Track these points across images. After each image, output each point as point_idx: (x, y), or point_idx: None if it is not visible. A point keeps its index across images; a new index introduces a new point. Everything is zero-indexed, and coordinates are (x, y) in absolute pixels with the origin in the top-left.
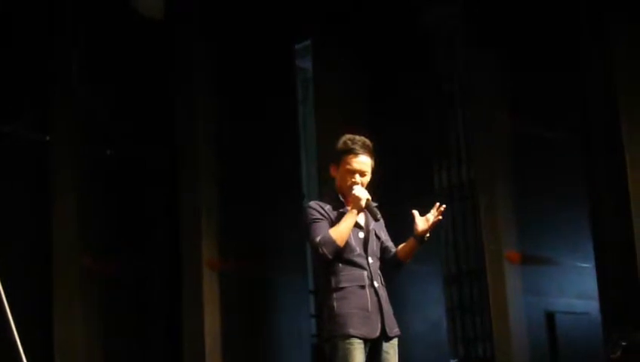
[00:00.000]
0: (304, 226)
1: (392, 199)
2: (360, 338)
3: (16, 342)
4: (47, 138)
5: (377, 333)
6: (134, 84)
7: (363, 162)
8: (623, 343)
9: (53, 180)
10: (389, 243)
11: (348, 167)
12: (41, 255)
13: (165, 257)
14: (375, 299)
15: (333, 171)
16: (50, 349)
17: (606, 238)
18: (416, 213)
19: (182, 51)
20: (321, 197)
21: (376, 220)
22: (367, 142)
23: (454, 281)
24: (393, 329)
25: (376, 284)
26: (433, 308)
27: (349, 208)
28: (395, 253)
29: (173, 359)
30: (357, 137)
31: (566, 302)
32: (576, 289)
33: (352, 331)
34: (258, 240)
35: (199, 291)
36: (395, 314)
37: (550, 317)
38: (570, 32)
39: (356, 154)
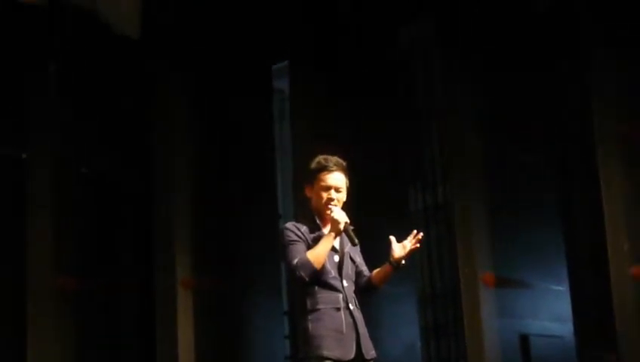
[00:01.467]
0: (281, 247)
1: (368, 221)
2: (334, 360)
3: None
4: (24, 156)
5: (352, 355)
6: (111, 103)
7: (337, 178)
8: None
9: (28, 198)
10: (364, 268)
11: (322, 183)
12: (15, 272)
13: (139, 276)
14: (350, 321)
15: (308, 192)
16: None
17: (580, 261)
18: (393, 239)
19: (159, 71)
20: (297, 219)
21: (354, 245)
22: (341, 160)
23: (429, 302)
24: (369, 351)
25: (351, 307)
26: (407, 329)
27: (325, 231)
28: (370, 278)
29: None
30: (330, 156)
31: (540, 325)
32: (550, 312)
33: (325, 353)
34: (233, 260)
35: (173, 310)
36: (370, 335)
37: (524, 339)
38: (546, 54)
39: (330, 170)
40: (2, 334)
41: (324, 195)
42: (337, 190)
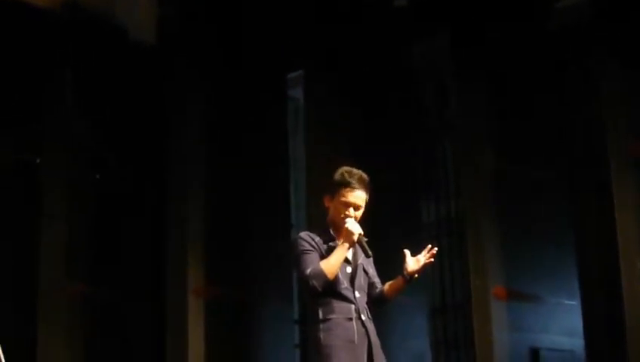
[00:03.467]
0: (294, 256)
1: (379, 232)
2: None
3: None
4: (38, 160)
5: None
6: (126, 111)
7: (358, 196)
8: None
9: (42, 203)
10: (376, 280)
11: (343, 199)
12: (27, 278)
13: (151, 284)
14: (362, 331)
15: (327, 202)
16: None
17: (592, 276)
18: (407, 252)
19: (174, 79)
20: (311, 229)
21: (368, 256)
22: (365, 176)
23: (439, 315)
24: None
25: (363, 317)
26: (418, 341)
27: (339, 242)
28: (382, 290)
29: None
30: (354, 170)
31: (551, 339)
32: (561, 326)
33: None
34: (245, 269)
35: (184, 319)
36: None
37: (535, 353)
38: (557, 71)
39: (353, 188)
40: (14, 340)
41: (343, 211)
42: (357, 208)
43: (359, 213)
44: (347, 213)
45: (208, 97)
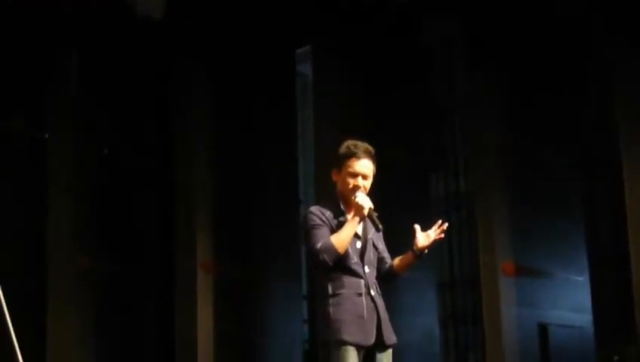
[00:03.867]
0: (304, 231)
1: (389, 208)
2: (354, 345)
3: (12, 340)
4: (46, 136)
5: (372, 341)
6: (133, 84)
7: (365, 166)
8: (615, 357)
9: (50, 178)
10: (386, 254)
11: (350, 170)
12: (36, 252)
13: (159, 259)
14: (372, 306)
15: (334, 176)
16: (43, 347)
17: (601, 252)
18: (417, 227)
19: (181, 54)
20: (321, 203)
21: (378, 230)
22: (370, 147)
23: (448, 290)
24: (391, 337)
25: (372, 292)
26: (426, 316)
27: (349, 216)
28: (392, 265)
29: (166, 359)
30: (359, 142)
31: (559, 315)
32: (570, 302)
33: (346, 337)
34: (253, 243)
35: (193, 293)
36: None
37: (543, 329)
38: (569, 49)
39: (358, 157)
40: (23, 313)
41: (351, 182)
42: (364, 177)
43: (367, 184)
44: (355, 182)
45: (216, 73)
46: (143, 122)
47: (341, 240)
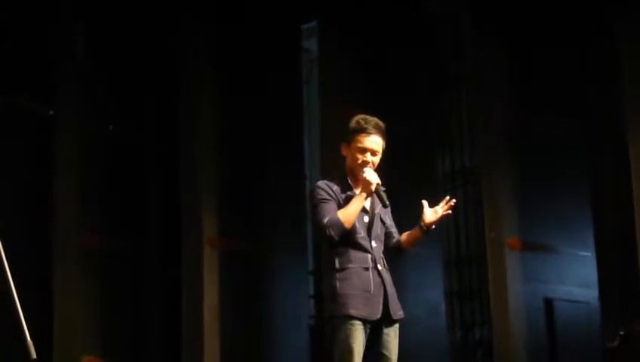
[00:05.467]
0: (311, 205)
1: (394, 182)
2: (361, 320)
3: (20, 317)
4: (52, 112)
5: (379, 315)
6: (138, 62)
7: (374, 141)
8: (621, 332)
9: (56, 155)
10: (393, 229)
11: (359, 145)
12: (41, 229)
13: (165, 234)
14: (378, 280)
15: (343, 150)
16: (50, 325)
17: (607, 227)
18: (425, 203)
19: (186, 30)
20: (328, 178)
21: (385, 206)
22: (380, 123)
23: (454, 266)
24: (397, 311)
25: (379, 267)
26: (432, 291)
27: (357, 191)
28: (399, 240)
29: (171, 335)
30: (369, 117)
31: (565, 290)
32: (575, 278)
33: (353, 312)
34: (259, 219)
35: (199, 268)
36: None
37: (549, 304)
38: (575, 24)
39: (368, 133)
40: (28, 291)
41: (360, 157)
42: (374, 153)
43: (376, 159)
44: (364, 157)
45: (222, 49)
46: (149, 98)
47: (348, 214)
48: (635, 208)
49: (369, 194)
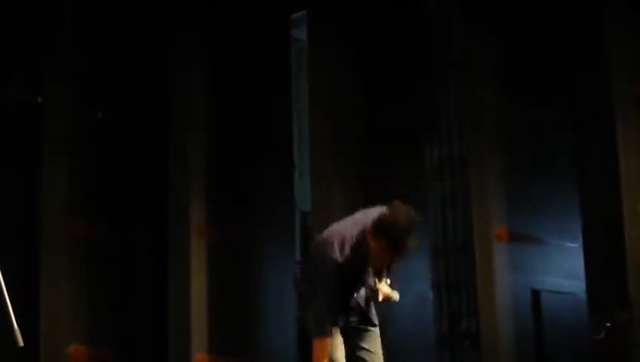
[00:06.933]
0: (319, 272)
1: (380, 171)
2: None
3: (7, 305)
4: (39, 99)
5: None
6: (127, 48)
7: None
8: (608, 324)
9: (44, 143)
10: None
11: (387, 256)
12: (29, 218)
13: (153, 222)
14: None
15: (370, 238)
16: (36, 312)
17: (594, 218)
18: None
19: (176, 19)
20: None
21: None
22: (415, 231)
23: (441, 256)
24: (375, 319)
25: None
26: (419, 281)
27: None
28: None
29: (159, 323)
30: (409, 233)
31: (552, 281)
32: (563, 269)
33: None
34: (247, 207)
35: (186, 256)
36: None
37: (536, 295)
38: (563, 13)
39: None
40: (16, 277)
41: (383, 261)
42: None
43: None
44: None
45: (211, 36)
46: (138, 86)
47: (319, 353)
48: (623, 200)
49: None
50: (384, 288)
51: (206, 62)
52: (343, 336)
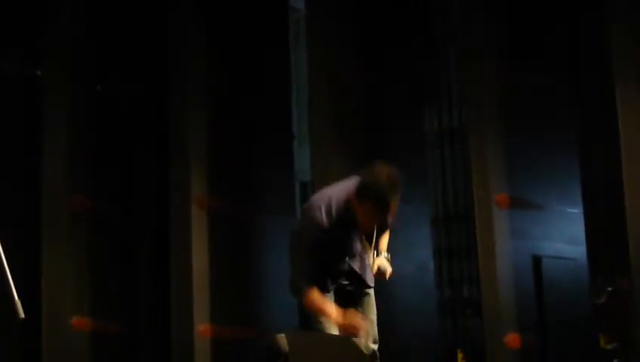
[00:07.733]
0: (293, 245)
1: (381, 139)
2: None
3: (7, 276)
4: (39, 72)
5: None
6: (126, 21)
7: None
8: (609, 289)
9: (44, 117)
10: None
11: (374, 217)
12: (30, 193)
13: (154, 195)
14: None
15: (354, 204)
16: (38, 288)
17: (595, 184)
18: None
19: None
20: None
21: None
22: (398, 185)
23: (442, 224)
24: (371, 281)
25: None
26: (420, 249)
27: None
28: None
29: (161, 298)
30: (390, 187)
31: (553, 247)
32: (563, 235)
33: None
34: (247, 179)
35: (187, 229)
36: None
37: (537, 261)
38: None
39: (383, 212)
40: (17, 254)
41: (368, 223)
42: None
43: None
44: (372, 225)
45: (209, 5)
46: (138, 59)
47: (313, 306)
48: (623, 165)
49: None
50: (382, 262)
51: (204, 35)
52: (338, 300)
